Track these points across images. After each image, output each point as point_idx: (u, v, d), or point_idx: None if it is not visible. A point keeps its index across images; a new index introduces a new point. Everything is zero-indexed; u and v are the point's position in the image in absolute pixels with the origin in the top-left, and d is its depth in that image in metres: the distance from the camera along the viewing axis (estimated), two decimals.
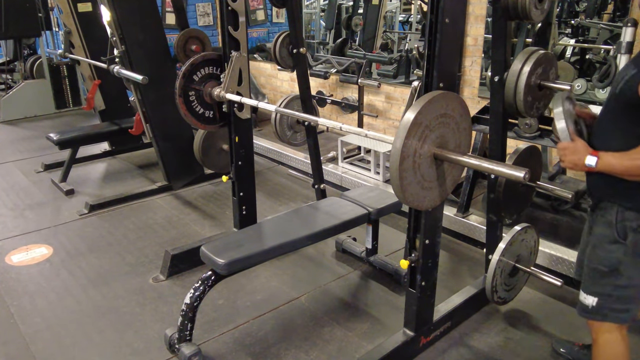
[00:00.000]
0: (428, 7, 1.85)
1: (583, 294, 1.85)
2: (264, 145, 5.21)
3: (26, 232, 3.68)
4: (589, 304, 1.82)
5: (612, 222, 1.74)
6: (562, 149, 1.76)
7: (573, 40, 5.53)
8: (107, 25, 4.25)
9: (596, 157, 1.66)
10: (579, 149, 1.71)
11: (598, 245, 1.80)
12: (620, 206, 1.72)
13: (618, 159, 1.64)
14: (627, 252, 1.72)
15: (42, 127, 6.49)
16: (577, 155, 1.71)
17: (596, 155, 1.67)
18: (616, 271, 1.74)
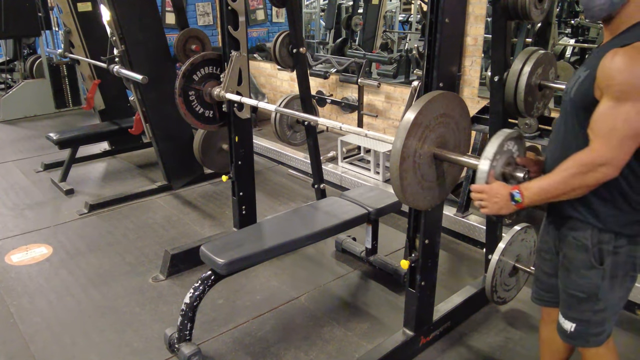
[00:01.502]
0: (428, 7, 1.85)
1: (562, 318, 1.71)
2: (263, 145, 5.21)
3: (26, 232, 3.68)
4: (567, 329, 1.69)
5: (588, 246, 1.57)
6: (478, 192, 1.58)
7: (573, 40, 5.53)
8: (106, 24, 4.25)
9: (518, 190, 1.50)
10: (497, 189, 1.54)
11: (573, 270, 1.62)
12: (595, 228, 1.55)
13: (547, 180, 1.47)
14: (605, 276, 1.57)
15: (41, 127, 6.49)
16: (498, 196, 1.53)
17: (518, 189, 1.50)
18: (594, 296, 1.59)
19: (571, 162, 1.43)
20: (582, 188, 1.43)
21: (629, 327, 2.57)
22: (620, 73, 1.33)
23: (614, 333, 1.71)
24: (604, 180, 1.40)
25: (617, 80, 1.33)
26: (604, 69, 1.37)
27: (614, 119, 1.34)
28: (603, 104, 1.38)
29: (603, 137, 1.37)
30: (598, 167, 1.38)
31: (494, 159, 1.59)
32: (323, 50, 7.70)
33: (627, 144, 1.35)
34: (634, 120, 1.32)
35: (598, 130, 1.39)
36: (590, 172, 1.39)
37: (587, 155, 1.40)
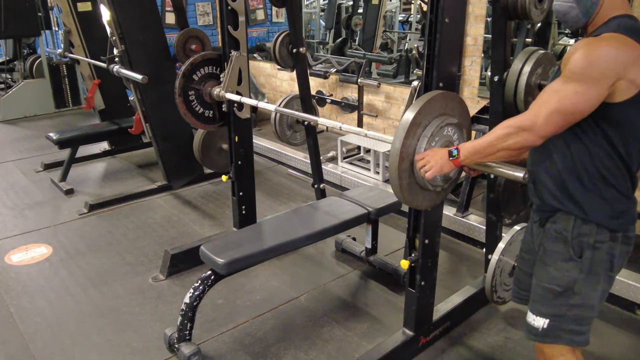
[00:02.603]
0: (428, 7, 1.85)
1: (532, 315, 1.65)
2: (263, 145, 5.21)
3: (26, 232, 3.68)
4: (538, 326, 1.62)
5: (567, 238, 1.56)
6: (420, 158, 1.68)
7: (573, 40, 5.52)
8: (106, 24, 4.25)
9: (456, 148, 1.62)
10: (436, 150, 1.67)
11: (550, 263, 1.61)
12: (577, 219, 1.55)
13: (480, 140, 1.57)
14: (583, 269, 1.54)
15: (41, 127, 6.49)
16: (437, 155, 1.65)
17: (455, 147, 1.62)
18: (570, 290, 1.56)
19: (502, 124, 1.51)
20: (506, 150, 1.49)
21: (628, 327, 2.57)
22: (575, 57, 1.38)
23: (613, 333, 1.71)
24: (525, 145, 1.46)
25: (571, 63, 1.39)
26: (566, 56, 1.44)
27: (552, 94, 1.41)
28: (555, 80, 1.44)
29: (536, 105, 1.43)
30: (521, 131, 1.44)
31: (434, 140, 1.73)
32: (323, 50, 7.70)
33: (554, 117, 1.40)
34: (568, 99, 1.38)
35: (536, 100, 1.45)
36: (513, 134, 1.46)
37: (516, 119, 1.47)
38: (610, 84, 1.36)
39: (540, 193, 1.65)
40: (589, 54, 1.36)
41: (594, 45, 1.38)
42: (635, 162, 1.49)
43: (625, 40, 1.36)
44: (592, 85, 1.36)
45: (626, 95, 1.38)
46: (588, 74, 1.36)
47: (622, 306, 2.68)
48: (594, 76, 1.36)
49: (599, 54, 1.36)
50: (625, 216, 1.52)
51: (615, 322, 2.60)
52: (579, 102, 1.38)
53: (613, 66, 1.35)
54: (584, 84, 1.36)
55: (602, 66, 1.35)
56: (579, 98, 1.37)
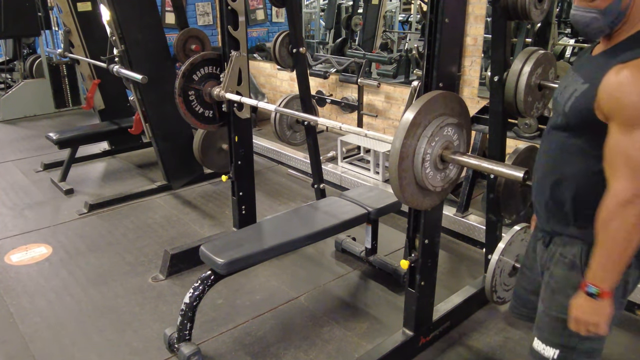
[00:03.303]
0: (428, 7, 1.85)
1: (540, 344, 1.52)
2: (263, 145, 5.21)
3: (25, 232, 3.68)
4: (549, 356, 1.50)
5: (576, 263, 1.44)
6: (575, 327, 1.42)
7: (573, 40, 5.53)
8: (106, 24, 4.25)
9: (588, 284, 1.34)
10: (573, 305, 1.40)
11: (559, 291, 1.47)
12: (584, 244, 1.41)
13: (600, 252, 1.30)
14: None
15: (41, 127, 6.49)
16: (582, 309, 1.37)
17: (585, 284, 1.34)
18: None
19: (603, 219, 1.27)
20: (632, 232, 1.25)
21: (628, 327, 2.57)
22: (628, 96, 1.19)
23: (612, 333, 1.70)
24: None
25: (626, 105, 1.20)
26: (608, 90, 1.24)
27: (627, 149, 1.21)
28: (613, 132, 1.25)
29: (622, 171, 1.23)
30: (630, 203, 1.22)
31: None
32: (323, 50, 7.70)
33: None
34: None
35: (613, 164, 1.25)
36: (626, 212, 1.23)
37: (611, 199, 1.25)
38: None
39: (546, 211, 1.51)
40: (634, 91, 1.19)
41: (636, 78, 1.20)
42: None
43: None
44: None
45: None
46: None
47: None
48: None
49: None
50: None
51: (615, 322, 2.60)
52: None
53: None
54: None
55: None
56: None
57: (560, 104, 1.43)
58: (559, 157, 1.44)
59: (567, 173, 1.42)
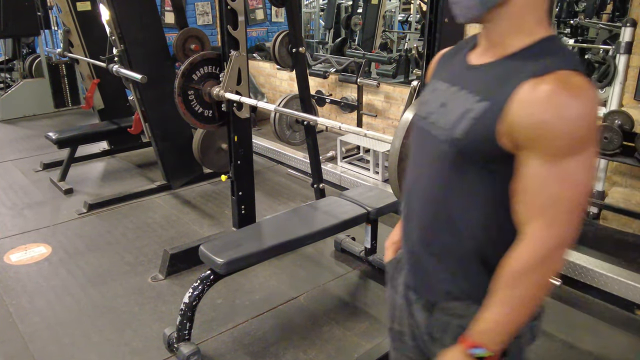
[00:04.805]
0: (427, 7, 1.86)
1: None
2: (263, 145, 5.21)
3: (25, 231, 3.68)
4: None
5: None
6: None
7: (572, 40, 5.53)
8: (106, 24, 4.24)
9: (475, 345, 1.04)
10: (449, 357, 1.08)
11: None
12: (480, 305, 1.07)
13: (496, 315, 1.02)
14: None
15: (40, 126, 6.48)
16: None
17: (473, 343, 1.05)
18: None
19: (514, 271, 0.99)
20: (546, 290, 1.01)
21: (628, 327, 2.57)
22: (555, 122, 0.90)
23: (612, 333, 1.70)
24: (563, 265, 1.02)
25: (553, 132, 0.91)
26: (527, 112, 0.93)
27: (556, 186, 0.93)
28: (533, 166, 0.94)
29: (544, 214, 0.95)
30: (553, 256, 0.98)
31: None
32: (322, 49, 7.70)
33: (578, 212, 0.95)
34: (582, 181, 0.94)
35: (533, 204, 0.96)
36: (546, 268, 0.98)
37: (528, 249, 0.97)
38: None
39: (423, 266, 1.17)
40: (569, 111, 0.90)
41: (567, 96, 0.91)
42: None
43: (591, 85, 0.94)
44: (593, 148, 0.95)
45: None
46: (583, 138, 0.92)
47: (622, 306, 2.68)
48: (592, 138, 0.94)
49: (581, 112, 0.90)
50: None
51: (614, 322, 2.61)
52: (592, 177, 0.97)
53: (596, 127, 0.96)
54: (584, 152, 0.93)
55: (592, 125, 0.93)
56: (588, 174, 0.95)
57: (441, 127, 1.07)
58: (442, 198, 1.09)
59: (473, 219, 1.06)
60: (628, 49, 3.33)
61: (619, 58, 3.39)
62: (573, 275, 2.81)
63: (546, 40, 1.00)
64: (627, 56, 3.34)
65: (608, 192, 3.57)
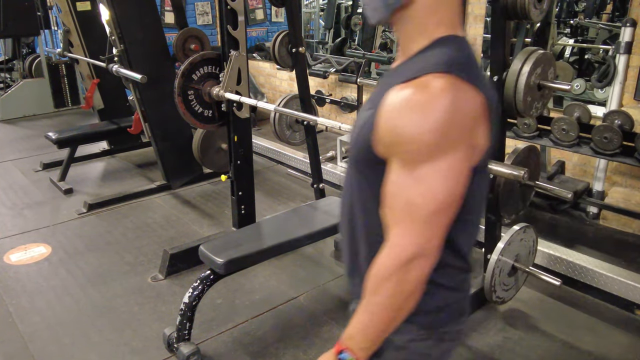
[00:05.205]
0: None
1: None
2: (263, 145, 5.21)
3: (25, 231, 3.68)
4: None
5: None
6: None
7: (572, 40, 5.53)
8: (106, 24, 4.24)
9: (343, 349, 1.06)
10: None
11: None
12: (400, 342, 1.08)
13: (362, 315, 1.04)
14: None
15: (40, 126, 6.48)
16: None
17: (342, 348, 1.07)
18: None
19: (375, 277, 0.97)
20: (408, 300, 0.97)
21: (627, 327, 2.57)
22: (408, 125, 0.89)
23: (611, 333, 1.69)
24: (427, 274, 0.96)
25: (407, 137, 0.90)
26: (384, 118, 0.93)
27: (411, 192, 0.91)
28: (394, 171, 0.94)
29: (403, 220, 0.93)
30: (411, 264, 0.93)
31: None
32: (322, 49, 7.70)
33: (437, 221, 0.92)
34: (437, 188, 0.90)
35: (393, 210, 0.95)
36: (404, 276, 0.94)
37: (388, 255, 0.95)
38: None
39: (346, 269, 1.20)
40: (425, 118, 0.88)
41: (423, 102, 0.89)
42: (466, 248, 1.07)
43: (463, 88, 0.90)
44: (455, 155, 0.91)
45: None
46: (439, 145, 0.89)
47: (621, 306, 2.68)
48: (450, 144, 0.89)
49: (432, 118, 0.87)
50: (448, 310, 1.09)
51: (614, 322, 2.61)
52: (456, 185, 0.93)
53: (462, 132, 0.91)
54: (442, 159, 0.90)
55: (448, 131, 0.89)
56: (446, 182, 0.92)
57: (352, 135, 1.10)
58: (349, 202, 1.10)
59: (359, 224, 1.08)
60: (628, 49, 3.33)
61: (619, 58, 3.39)
62: (573, 275, 2.82)
63: (438, 41, 0.98)
64: (627, 56, 3.34)
65: (608, 192, 3.57)
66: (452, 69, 0.91)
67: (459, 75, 0.90)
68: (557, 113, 3.54)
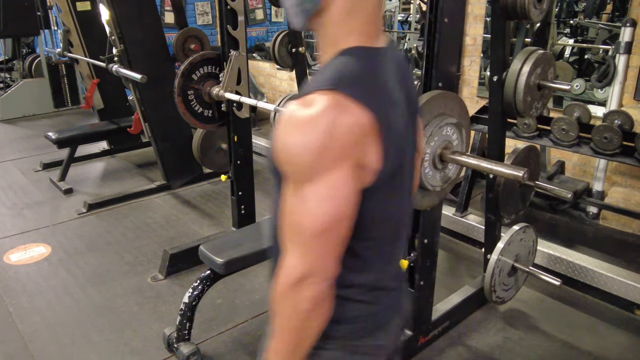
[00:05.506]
0: (427, 7, 1.85)
1: None
2: (262, 145, 5.21)
3: (24, 231, 3.68)
4: None
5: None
6: None
7: (572, 40, 5.53)
8: (105, 24, 4.24)
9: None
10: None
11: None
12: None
13: (277, 342, 0.99)
14: None
15: (40, 126, 6.48)
16: None
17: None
18: None
19: (273, 298, 0.95)
20: (308, 319, 0.93)
21: (627, 327, 2.57)
22: (288, 146, 0.88)
23: (611, 332, 1.70)
24: (321, 294, 0.92)
25: (288, 157, 0.89)
26: (276, 135, 0.91)
27: (296, 212, 0.90)
28: (285, 188, 0.93)
29: (292, 240, 0.92)
30: (302, 284, 0.90)
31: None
32: None
33: (323, 241, 0.89)
34: (317, 210, 0.88)
35: (285, 229, 0.94)
36: (296, 296, 0.91)
37: (281, 275, 0.93)
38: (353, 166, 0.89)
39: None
40: (302, 138, 0.86)
41: (304, 123, 0.86)
42: (381, 264, 1.06)
43: (347, 107, 0.86)
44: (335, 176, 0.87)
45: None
46: (313, 166, 0.87)
47: (621, 306, 2.68)
48: (329, 165, 0.86)
49: (303, 139, 0.86)
50: (359, 323, 1.05)
51: (614, 322, 2.61)
52: (337, 206, 0.89)
53: (342, 153, 0.87)
54: (318, 181, 0.87)
55: (321, 153, 0.86)
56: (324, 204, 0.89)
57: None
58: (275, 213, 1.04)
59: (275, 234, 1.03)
60: (628, 49, 3.33)
61: (619, 58, 3.39)
62: (573, 275, 2.82)
63: (343, 52, 0.94)
64: (626, 56, 3.35)
65: (608, 192, 3.57)
66: (339, 86, 0.87)
67: (345, 93, 0.87)
68: (557, 113, 3.55)
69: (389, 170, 0.93)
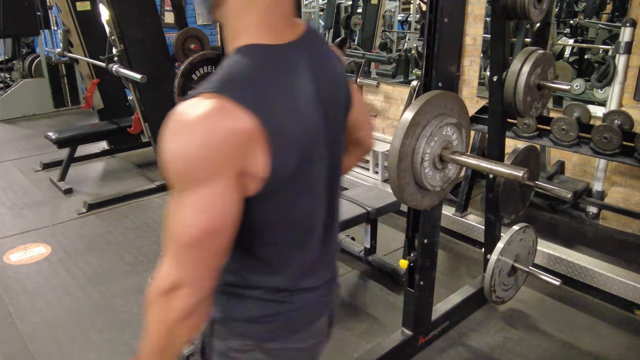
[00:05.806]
0: (427, 7, 1.85)
1: None
2: None
3: (24, 231, 3.68)
4: None
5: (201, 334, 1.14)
6: None
7: (572, 40, 5.53)
8: (105, 24, 4.24)
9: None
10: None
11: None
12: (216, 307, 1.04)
13: (146, 345, 1.00)
14: None
15: (40, 126, 6.48)
16: None
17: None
18: None
19: (146, 298, 0.92)
20: (178, 327, 0.90)
21: (627, 327, 2.57)
22: (166, 150, 0.83)
23: (611, 332, 1.70)
24: (191, 307, 0.87)
25: (165, 161, 0.84)
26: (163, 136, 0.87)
27: (173, 220, 0.88)
28: (171, 191, 0.90)
29: (167, 248, 0.89)
30: (172, 293, 0.87)
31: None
32: None
33: (195, 253, 0.85)
34: (190, 221, 0.84)
35: (166, 233, 0.90)
36: (166, 304, 0.88)
37: (155, 280, 0.90)
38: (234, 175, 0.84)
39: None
40: (177, 143, 0.82)
41: (183, 128, 0.81)
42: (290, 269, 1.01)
43: (229, 112, 0.81)
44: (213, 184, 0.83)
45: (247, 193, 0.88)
46: (184, 175, 0.83)
47: (621, 306, 2.68)
48: (205, 173, 0.82)
49: (177, 146, 0.82)
50: (268, 323, 1.02)
51: (614, 322, 2.61)
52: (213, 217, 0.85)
53: (220, 161, 0.82)
54: (190, 191, 0.84)
55: (192, 162, 0.81)
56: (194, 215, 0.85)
57: None
58: None
59: None
60: (627, 49, 3.33)
61: (619, 58, 3.39)
62: (573, 275, 2.82)
63: (237, 51, 0.88)
64: (626, 56, 3.34)
65: (608, 192, 3.57)
66: (224, 89, 0.83)
67: (230, 97, 0.82)
68: (556, 113, 3.54)
69: (283, 175, 0.88)
